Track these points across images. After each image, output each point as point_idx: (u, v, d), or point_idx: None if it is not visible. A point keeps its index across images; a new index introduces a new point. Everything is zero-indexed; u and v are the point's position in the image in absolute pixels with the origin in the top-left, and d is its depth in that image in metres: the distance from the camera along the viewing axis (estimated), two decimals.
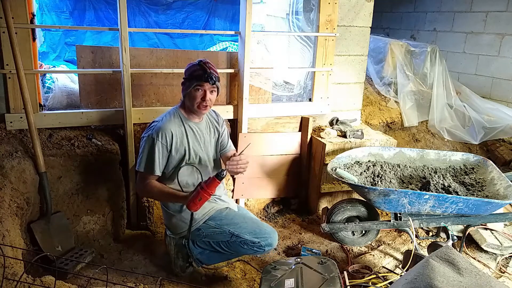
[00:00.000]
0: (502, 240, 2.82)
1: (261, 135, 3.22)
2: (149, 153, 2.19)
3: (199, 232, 2.30)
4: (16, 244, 2.01)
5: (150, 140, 2.18)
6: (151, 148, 2.18)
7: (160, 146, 2.18)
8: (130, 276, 2.38)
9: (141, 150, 2.22)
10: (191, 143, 2.26)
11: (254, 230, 2.23)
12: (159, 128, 2.18)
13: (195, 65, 2.20)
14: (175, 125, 2.23)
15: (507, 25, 4.57)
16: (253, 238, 2.21)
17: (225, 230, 2.25)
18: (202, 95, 2.19)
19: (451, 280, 1.43)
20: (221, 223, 2.27)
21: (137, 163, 2.24)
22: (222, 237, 2.28)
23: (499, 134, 4.07)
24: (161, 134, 2.17)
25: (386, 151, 3.04)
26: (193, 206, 2.04)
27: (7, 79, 2.52)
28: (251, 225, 2.26)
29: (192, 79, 2.18)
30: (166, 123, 2.21)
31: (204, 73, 2.15)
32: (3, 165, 2.30)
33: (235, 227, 2.24)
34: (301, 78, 3.43)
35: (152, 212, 2.89)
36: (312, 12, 3.25)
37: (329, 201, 3.28)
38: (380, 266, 2.65)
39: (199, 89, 2.18)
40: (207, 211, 2.29)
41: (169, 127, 2.20)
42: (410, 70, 4.23)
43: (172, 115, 2.26)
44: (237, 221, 2.27)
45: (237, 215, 2.33)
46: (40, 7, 4.64)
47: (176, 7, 5.32)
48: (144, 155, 2.20)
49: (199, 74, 2.16)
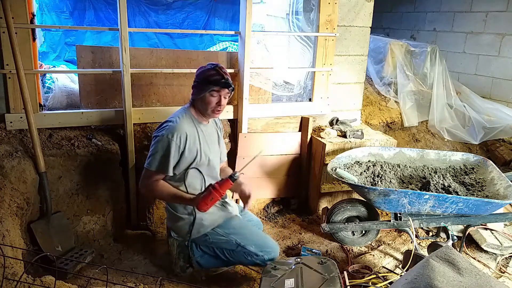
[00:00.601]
0: (502, 240, 2.82)
1: (261, 135, 3.22)
2: (164, 153, 2.15)
3: (205, 238, 2.30)
4: (16, 244, 2.01)
5: (166, 140, 2.14)
6: (166, 148, 2.14)
7: (175, 146, 2.15)
8: (130, 276, 2.38)
9: (154, 149, 2.18)
10: (202, 144, 2.26)
11: (259, 243, 2.27)
12: (175, 128, 2.15)
13: (211, 70, 2.18)
14: (189, 126, 2.22)
15: (507, 25, 4.57)
16: (257, 251, 2.24)
17: (232, 240, 2.27)
18: (217, 100, 2.19)
19: (451, 280, 1.43)
20: (229, 232, 2.28)
21: (148, 161, 2.19)
22: (227, 246, 2.29)
23: (499, 134, 4.07)
24: (176, 135, 2.14)
25: (386, 151, 3.04)
26: (204, 205, 2.05)
27: (7, 79, 2.52)
28: (256, 237, 2.30)
29: (209, 84, 2.16)
30: (181, 124, 2.18)
31: (222, 78, 2.15)
32: (3, 165, 2.30)
33: (241, 237, 2.27)
34: (301, 78, 3.43)
35: (152, 212, 2.89)
36: (312, 12, 3.25)
37: (329, 201, 3.28)
38: (380, 266, 2.65)
39: (215, 95, 2.17)
40: (216, 218, 2.30)
41: (184, 128, 2.18)
42: (410, 70, 4.23)
43: (185, 116, 2.23)
44: (244, 232, 2.30)
45: (245, 226, 2.36)
46: (40, 7, 4.64)
47: (176, 7, 5.33)
48: (157, 155, 2.16)
49: (216, 79, 2.15)
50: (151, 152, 2.19)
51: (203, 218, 2.26)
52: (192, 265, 2.39)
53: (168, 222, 2.41)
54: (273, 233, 3.03)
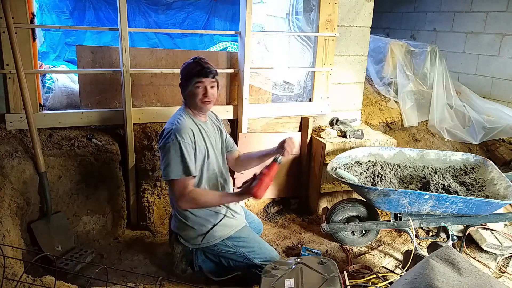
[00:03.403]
0: (502, 240, 2.82)
1: (261, 135, 3.22)
2: (181, 156, 2.09)
3: (214, 248, 2.29)
4: (16, 244, 2.02)
5: (176, 144, 2.08)
6: (180, 151, 2.09)
7: (187, 145, 2.11)
8: (130, 276, 2.38)
9: (168, 157, 2.09)
10: (207, 141, 2.25)
11: (266, 256, 2.27)
12: (180, 130, 2.11)
13: (191, 63, 2.18)
14: (191, 124, 2.19)
15: (507, 25, 4.57)
16: (261, 264, 2.23)
17: (240, 252, 2.26)
18: (203, 91, 2.17)
19: (451, 280, 1.43)
20: (238, 245, 2.27)
21: (169, 173, 2.08)
22: (234, 257, 2.29)
23: (499, 134, 4.07)
24: (184, 134, 2.10)
25: (386, 151, 3.04)
26: (261, 192, 2.04)
27: (7, 79, 2.52)
28: (264, 251, 2.30)
29: (191, 77, 2.15)
30: (183, 124, 2.14)
31: (202, 68, 2.14)
32: (3, 165, 2.30)
33: (250, 251, 2.27)
34: (301, 78, 3.43)
35: (152, 212, 2.89)
36: (312, 12, 3.25)
37: (329, 201, 3.28)
38: (380, 266, 2.65)
39: (199, 86, 2.16)
40: (227, 230, 2.28)
41: (188, 126, 2.15)
42: (410, 70, 4.23)
43: (183, 116, 2.20)
44: (253, 246, 2.29)
45: (253, 239, 2.34)
46: (40, 7, 4.64)
47: (176, 7, 5.33)
48: (175, 161, 2.08)
49: (197, 70, 2.14)
50: (167, 162, 2.10)
51: (215, 230, 2.25)
52: (193, 268, 2.38)
53: (176, 229, 2.33)
54: (273, 233, 3.03)
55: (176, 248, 2.35)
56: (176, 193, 2.13)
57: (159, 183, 2.87)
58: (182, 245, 2.32)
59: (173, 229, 2.34)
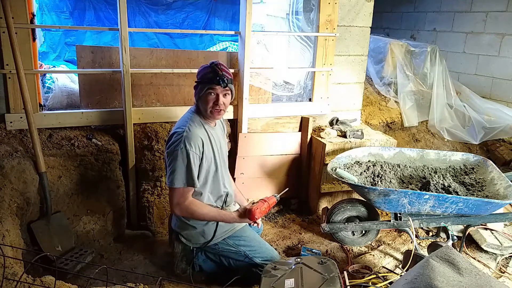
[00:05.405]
0: (502, 240, 2.82)
1: (261, 135, 3.22)
2: (187, 165, 2.07)
3: (215, 247, 2.30)
4: (16, 244, 2.01)
5: (184, 152, 2.06)
6: (187, 160, 2.07)
7: (195, 156, 2.09)
8: (130, 276, 2.38)
9: (175, 164, 2.07)
10: (214, 148, 2.23)
11: (266, 256, 2.28)
12: (190, 138, 2.08)
13: (207, 68, 2.13)
14: (201, 132, 2.15)
15: (507, 25, 4.57)
16: (262, 263, 2.25)
17: (241, 251, 2.28)
18: (214, 99, 2.12)
19: (451, 280, 1.43)
20: (239, 244, 2.29)
21: (173, 179, 2.09)
22: (235, 256, 2.30)
23: (499, 134, 4.07)
24: (193, 144, 2.08)
25: (386, 151, 3.04)
26: (258, 215, 2.23)
27: (7, 79, 2.52)
28: (264, 251, 2.31)
29: (204, 83, 2.11)
30: (193, 132, 2.10)
31: (216, 75, 2.08)
32: (3, 165, 2.30)
33: (251, 250, 2.28)
34: (301, 78, 3.43)
35: (152, 212, 2.89)
36: (312, 12, 3.25)
37: (329, 201, 3.28)
38: (380, 266, 2.65)
39: (211, 93, 2.11)
40: (228, 229, 2.30)
41: (198, 135, 2.11)
42: (410, 70, 4.23)
43: (193, 122, 2.16)
44: (254, 245, 2.31)
45: (253, 238, 2.36)
46: (40, 7, 4.65)
47: (176, 7, 5.33)
48: (180, 170, 2.07)
49: (210, 76, 2.09)
50: (172, 169, 2.09)
51: (216, 229, 2.26)
52: (193, 267, 2.39)
53: (177, 228, 2.33)
54: (273, 233, 3.03)
55: (177, 247, 2.35)
56: (174, 200, 2.15)
57: (159, 183, 2.87)
58: (183, 244, 2.32)
59: (174, 228, 2.34)
